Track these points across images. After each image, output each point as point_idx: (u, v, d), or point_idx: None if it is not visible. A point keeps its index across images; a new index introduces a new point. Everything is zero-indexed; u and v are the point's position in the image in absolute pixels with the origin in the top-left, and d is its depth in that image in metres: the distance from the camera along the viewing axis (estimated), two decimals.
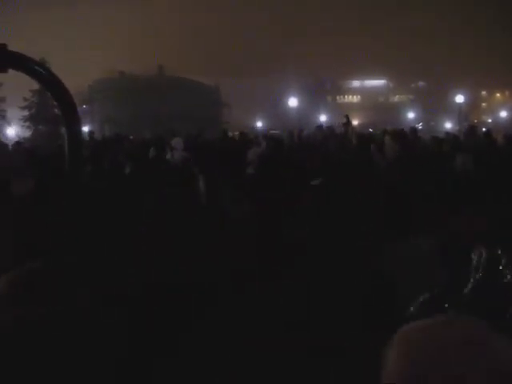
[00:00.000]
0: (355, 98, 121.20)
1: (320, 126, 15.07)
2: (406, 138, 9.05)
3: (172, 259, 7.61)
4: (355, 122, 52.80)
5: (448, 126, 76.21)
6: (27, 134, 58.92)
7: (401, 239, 6.40)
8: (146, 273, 7.33)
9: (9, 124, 67.53)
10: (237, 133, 21.56)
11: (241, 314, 6.82)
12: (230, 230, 8.56)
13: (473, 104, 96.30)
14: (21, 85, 43.75)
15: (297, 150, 13.23)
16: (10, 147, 15.58)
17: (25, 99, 64.65)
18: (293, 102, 75.37)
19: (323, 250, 7.37)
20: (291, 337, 6.34)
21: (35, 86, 50.34)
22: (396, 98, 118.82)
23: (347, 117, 12.81)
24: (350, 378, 5.47)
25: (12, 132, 61.25)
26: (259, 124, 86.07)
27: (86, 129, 47.05)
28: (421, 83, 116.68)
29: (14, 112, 69.25)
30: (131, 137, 19.88)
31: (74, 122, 4.72)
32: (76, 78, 64.91)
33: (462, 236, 6.30)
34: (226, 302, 7.14)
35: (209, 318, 6.79)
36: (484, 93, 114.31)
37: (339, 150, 11.23)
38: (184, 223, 8.33)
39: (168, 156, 11.77)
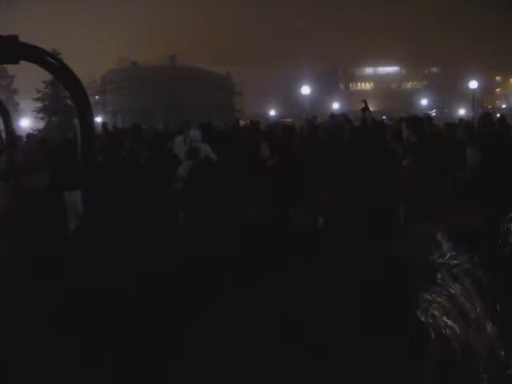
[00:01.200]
0: (368, 86, 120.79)
1: (333, 115, 14.84)
2: (422, 124, 8.94)
3: (176, 254, 7.65)
4: None
5: (462, 112, 75.79)
6: (41, 125, 58.93)
7: (413, 232, 6.38)
8: (150, 270, 7.37)
9: (23, 115, 67.90)
10: (248, 121, 21.58)
11: (241, 313, 6.81)
12: (241, 227, 8.54)
13: (487, 90, 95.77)
14: (34, 76, 43.90)
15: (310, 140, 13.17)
16: (24, 139, 15.63)
17: (37, 91, 64.65)
18: (305, 89, 75.13)
19: (332, 244, 7.35)
20: (293, 336, 6.33)
21: (48, 77, 50.47)
22: (409, 85, 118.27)
23: (365, 102, 12.60)
24: (352, 378, 5.47)
25: (26, 124, 61.42)
26: (272, 112, 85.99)
27: (98, 119, 47.17)
28: (434, 69, 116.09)
29: (28, 104, 69.37)
30: (144, 127, 19.94)
31: (86, 113, 4.71)
32: (89, 68, 65.16)
33: (472, 229, 6.27)
34: (226, 300, 7.14)
35: (208, 318, 6.79)
36: (498, 78, 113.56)
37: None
38: (194, 218, 8.37)
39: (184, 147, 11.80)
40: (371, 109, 13.53)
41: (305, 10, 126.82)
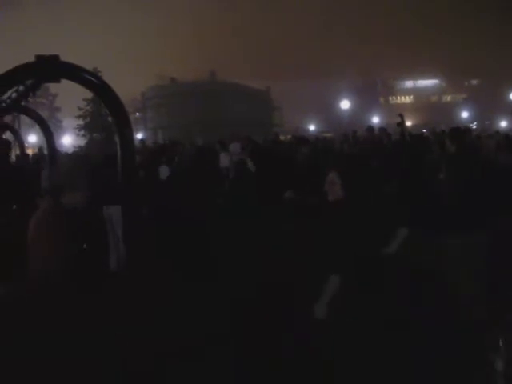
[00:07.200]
0: (408, 99, 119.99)
1: (370, 128, 14.72)
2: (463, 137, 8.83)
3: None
4: (408, 123, 52.22)
5: (504, 124, 74.77)
6: (83, 142, 59.69)
7: (453, 237, 6.33)
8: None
9: (66, 132, 69.13)
10: (289, 136, 21.72)
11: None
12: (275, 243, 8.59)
13: None
14: (77, 94, 44.58)
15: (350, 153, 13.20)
16: (66, 157, 15.92)
17: (79, 108, 65.56)
18: (345, 104, 74.95)
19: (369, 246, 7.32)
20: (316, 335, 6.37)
21: (89, 94, 51.14)
22: (449, 98, 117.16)
23: (401, 116, 12.60)
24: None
25: (68, 141, 62.33)
26: (312, 127, 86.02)
27: (139, 136, 47.65)
28: (474, 81, 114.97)
29: (70, 121, 70.50)
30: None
31: (126, 130, 4.80)
32: (130, 85, 65.87)
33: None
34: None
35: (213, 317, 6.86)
36: None
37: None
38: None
39: (227, 160, 11.97)
40: (411, 122, 13.54)
41: (344, 24, 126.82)
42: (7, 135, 12.14)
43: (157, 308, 5.59)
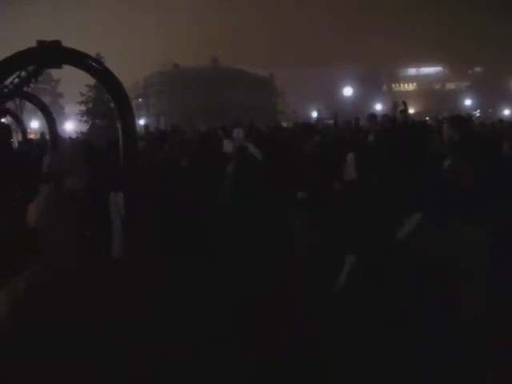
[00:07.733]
0: (411, 86, 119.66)
1: (372, 115, 14.35)
2: (465, 124, 8.77)
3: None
4: (411, 111, 52.09)
5: (507, 112, 74.57)
6: (85, 128, 59.55)
7: (454, 225, 6.32)
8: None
9: (68, 118, 69.10)
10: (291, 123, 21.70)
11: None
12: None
13: None
14: (79, 80, 44.50)
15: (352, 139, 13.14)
16: (68, 142, 15.90)
17: (81, 94, 65.32)
18: (348, 91, 74.80)
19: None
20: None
21: (92, 80, 50.99)
22: (452, 85, 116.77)
23: (405, 103, 12.44)
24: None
25: (70, 127, 62.27)
26: (314, 114, 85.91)
27: (141, 122, 47.56)
28: (478, 69, 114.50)
29: (72, 107, 70.36)
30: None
31: (128, 116, 4.78)
32: (132, 71, 65.80)
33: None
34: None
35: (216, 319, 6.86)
36: None
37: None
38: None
39: (230, 146, 11.91)
40: (414, 109, 13.41)
41: (347, 12, 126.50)
42: (9, 121, 12.09)
43: (156, 307, 5.60)
